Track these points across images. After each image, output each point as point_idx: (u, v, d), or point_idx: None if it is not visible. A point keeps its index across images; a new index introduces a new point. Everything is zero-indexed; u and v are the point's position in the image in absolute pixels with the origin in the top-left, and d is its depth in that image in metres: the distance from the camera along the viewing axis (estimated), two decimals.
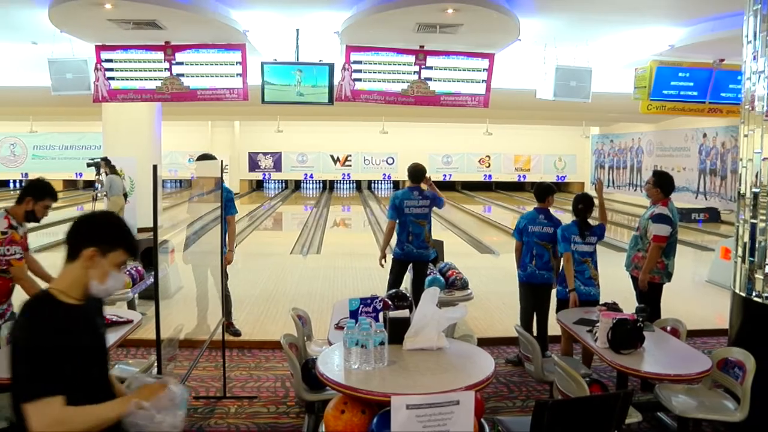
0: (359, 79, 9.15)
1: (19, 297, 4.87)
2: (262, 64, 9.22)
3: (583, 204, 6.01)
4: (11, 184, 29.93)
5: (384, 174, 29.52)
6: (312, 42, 9.73)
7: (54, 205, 4.98)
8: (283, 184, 30.34)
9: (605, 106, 16.22)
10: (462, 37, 8.72)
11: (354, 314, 3.89)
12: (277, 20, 9.00)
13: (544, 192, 6.48)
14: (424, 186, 7.15)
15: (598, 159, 28.84)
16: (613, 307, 5.25)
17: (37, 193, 4.76)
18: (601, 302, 5.60)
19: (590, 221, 6.06)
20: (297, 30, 9.30)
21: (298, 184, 30.06)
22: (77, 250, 2.34)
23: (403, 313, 4.00)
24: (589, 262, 5.93)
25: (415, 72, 9.18)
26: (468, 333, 5.69)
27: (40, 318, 2.21)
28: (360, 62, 9.08)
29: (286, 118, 23.81)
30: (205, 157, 6.78)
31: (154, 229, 4.00)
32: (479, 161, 30.34)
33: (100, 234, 2.38)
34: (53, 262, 5.12)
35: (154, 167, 3.69)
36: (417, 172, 7.17)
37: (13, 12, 8.74)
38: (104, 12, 7.80)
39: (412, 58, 9.13)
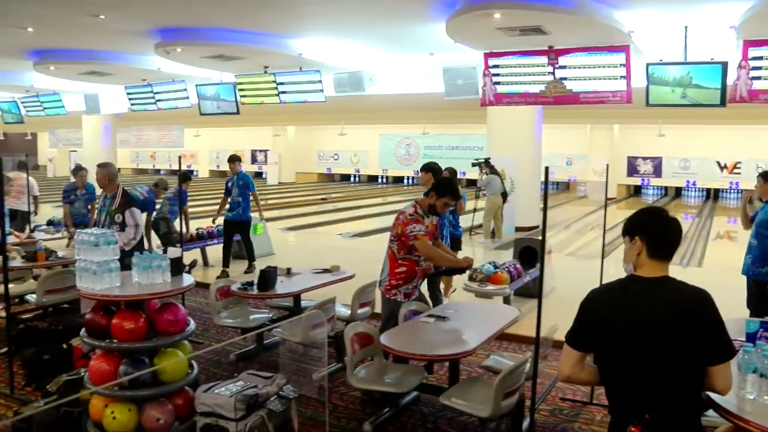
0: (758, 78, 8.25)
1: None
2: (647, 65, 8.87)
3: None
4: (406, 180, 33.10)
5: None
6: (702, 39, 9.07)
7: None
8: (663, 190, 28.74)
9: None
10: None
11: (751, 337, 3.52)
12: (664, 18, 8.58)
13: None
14: None
15: None
16: None
17: (440, 191, 5.27)
18: None
19: None
20: (685, 27, 8.75)
21: (678, 191, 28.24)
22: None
23: None
24: None
25: None
26: None
27: None
28: (760, 58, 8.19)
29: (669, 122, 22.52)
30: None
31: (543, 228, 4.09)
32: None
33: None
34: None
35: (546, 169, 3.78)
36: None
37: (416, 28, 9.70)
38: (493, 21, 8.22)
39: None
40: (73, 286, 6.48)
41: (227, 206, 9.72)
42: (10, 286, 5.90)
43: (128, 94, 15.23)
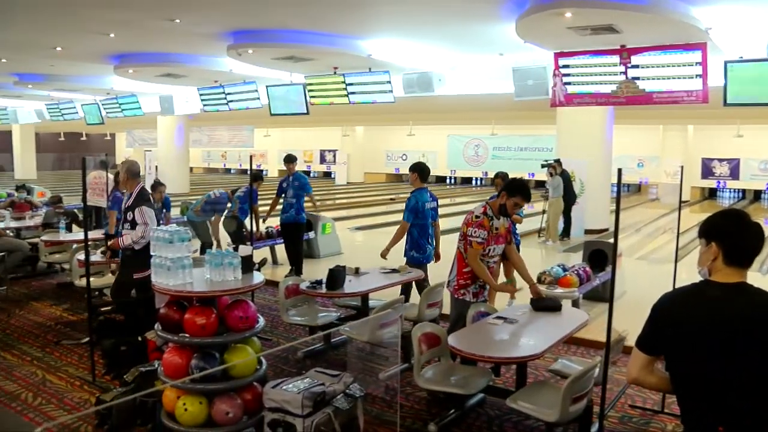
0: None
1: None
2: (725, 62, 8.59)
3: None
4: (474, 182, 32.93)
5: None
6: None
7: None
8: (740, 193, 27.76)
9: None
10: None
11: None
12: (746, 13, 8.27)
13: None
14: None
15: None
16: None
17: (511, 191, 5.21)
18: None
19: None
20: None
21: (758, 195, 27.22)
22: None
23: None
24: None
25: None
26: None
27: None
28: None
29: (748, 122, 21.78)
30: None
31: (615, 231, 4.02)
32: None
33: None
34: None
35: (619, 171, 3.71)
36: None
37: (486, 28, 9.64)
38: (564, 21, 8.09)
39: None
40: None
41: (280, 207, 9.61)
42: (90, 279, 6.15)
43: (201, 95, 15.58)
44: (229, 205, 10.21)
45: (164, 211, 9.79)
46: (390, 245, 6.98)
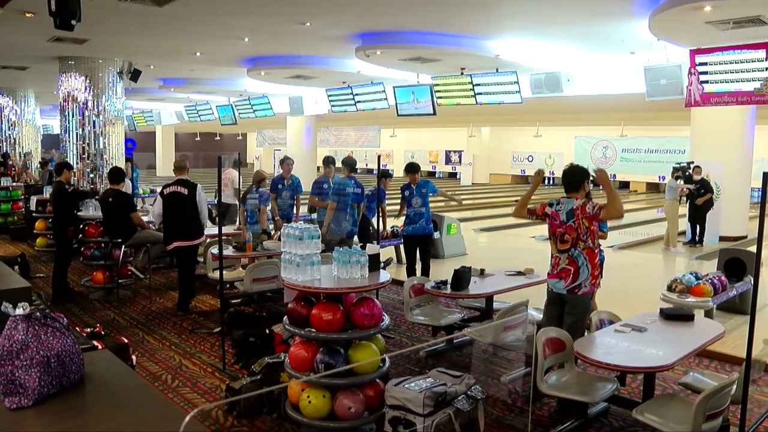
0: None
1: None
2: None
3: None
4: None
5: None
6: None
7: (643, 205, 5.23)
8: None
9: None
10: None
11: None
12: None
13: None
14: None
15: None
16: None
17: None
18: None
19: None
20: None
21: None
22: None
23: None
24: None
25: None
26: None
27: None
28: None
29: None
30: None
31: (758, 239, 3.83)
32: None
33: None
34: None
35: (765, 175, 3.51)
36: None
37: (617, 26, 9.36)
38: (703, 15, 7.73)
39: None
40: (276, 276, 7.00)
41: (405, 218, 8.89)
42: (223, 272, 6.46)
43: (329, 96, 15.96)
44: None
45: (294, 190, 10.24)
46: (326, 222, 8.49)
